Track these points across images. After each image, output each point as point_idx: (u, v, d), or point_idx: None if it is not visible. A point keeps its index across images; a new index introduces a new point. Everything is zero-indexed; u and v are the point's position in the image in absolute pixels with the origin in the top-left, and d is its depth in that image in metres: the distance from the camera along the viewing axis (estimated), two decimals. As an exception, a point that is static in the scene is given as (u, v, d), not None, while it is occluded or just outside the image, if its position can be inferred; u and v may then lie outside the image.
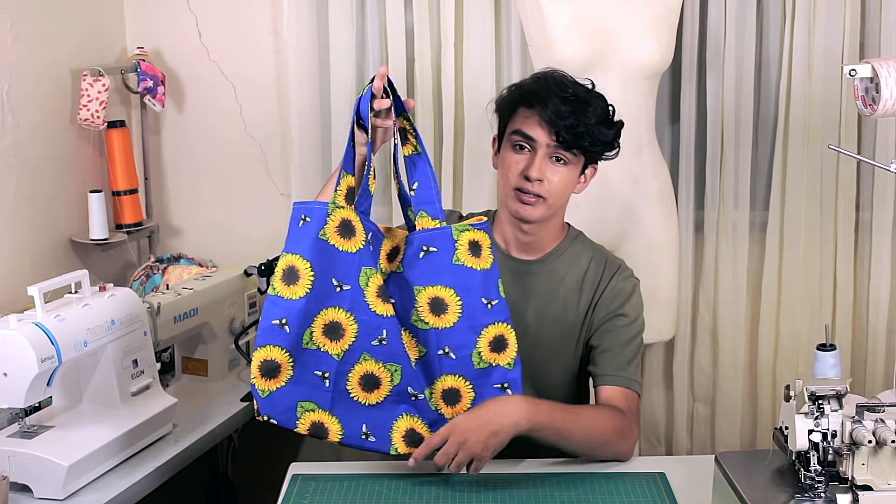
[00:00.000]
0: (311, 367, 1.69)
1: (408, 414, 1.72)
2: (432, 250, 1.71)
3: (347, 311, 1.67)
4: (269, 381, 1.68)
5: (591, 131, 1.82)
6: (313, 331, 1.67)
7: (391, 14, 2.67)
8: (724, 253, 2.68)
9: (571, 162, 1.85)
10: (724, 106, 2.62)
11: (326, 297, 1.67)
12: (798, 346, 2.66)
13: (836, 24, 2.53)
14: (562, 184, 1.85)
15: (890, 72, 1.76)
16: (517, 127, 1.85)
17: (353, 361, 1.69)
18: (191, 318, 2.34)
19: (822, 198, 2.62)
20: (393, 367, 1.69)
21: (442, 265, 1.71)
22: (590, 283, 1.95)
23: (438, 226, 1.73)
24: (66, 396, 1.98)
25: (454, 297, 1.70)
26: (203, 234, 2.94)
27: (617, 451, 1.83)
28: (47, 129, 2.55)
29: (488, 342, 1.72)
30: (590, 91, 1.88)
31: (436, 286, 1.70)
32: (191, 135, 2.91)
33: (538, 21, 2.36)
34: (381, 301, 1.68)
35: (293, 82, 2.75)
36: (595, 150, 1.86)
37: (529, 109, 1.84)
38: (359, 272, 1.67)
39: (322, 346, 1.68)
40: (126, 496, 1.86)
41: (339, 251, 1.67)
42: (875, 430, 1.42)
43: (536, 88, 1.85)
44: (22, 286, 1.89)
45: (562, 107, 1.80)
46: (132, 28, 2.87)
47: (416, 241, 1.72)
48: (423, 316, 1.70)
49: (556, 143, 1.82)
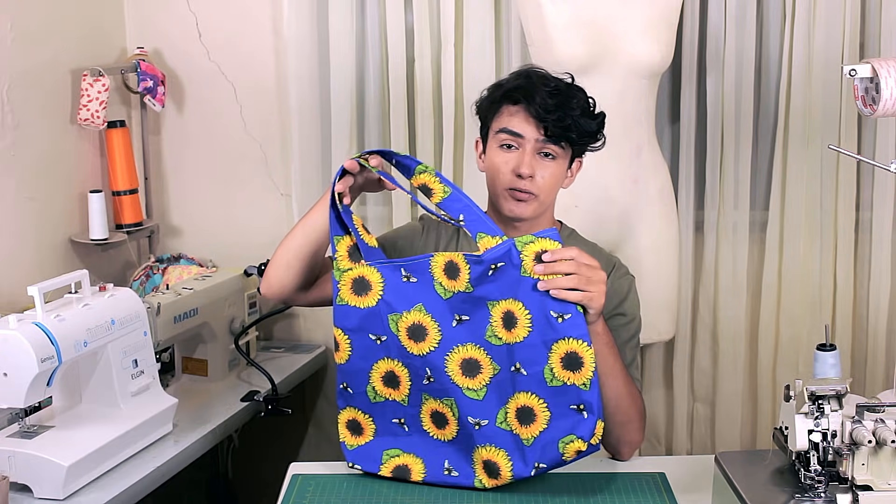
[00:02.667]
0: (389, 417, 1.73)
1: (480, 445, 1.66)
2: (500, 265, 1.63)
3: (395, 360, 1.69)
4: (356, 437, 1.76)
5: (576, 123, 1.82)
6: (374, 385, 1.71)
7: (391, 14, 2.67)
8: (724, 253, 2.68)
9: (559, 156, 1.85)
10: (724, 106, 2.62)
11: (372, 352, 1.69)
12: (798, 346, 2.66)
13: (836, 24, 2.53)
14: (552, 179, 1.85)
15: (890, 72, 1.76)
16: (503, 125, 1.84)
17: (418, 403, 1.70)
18: (191, 318, 2.34)
19: (822, 198, 2.62)
20: (448, 402, 1.67)
21: (511, 278, 1.63)
22: None
23: (501, 241, 1.64)
24: (66, 396, 1.98)
25: (523, 309, 1.62)
26: (203, 234, 2.94)
27: (631, 436, 1.80)
28: (47, 129, 2.55)
29: (560, 358, 1.61)
30: (570, 84, 1.88)
31: (507, 299, 1.63)
32: (191, 135, 2.91)
33: (538, 20, 2.36)
34: (413, 342, 1.67)
35: (293, 82, 2.75)
36: (582, 141, 1.87)
37: (515, 106, 1.84)
38: (387, 321, 1.67)
39: (389, 396, 1.71)
40: (126, 496, 1.86)
41: (362, 309, 1.68)
42: (875, 430, 1.42)
43: (521, 84, 1.84)
44: (22, 286, 1.89)
45: (548, 100, 1.80)
46: (132, 28, 2.87)
47: (485, 262, 1.63)
48: (497, 331, 1.64)
49: (545, 138, 1.82)
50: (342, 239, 1.71)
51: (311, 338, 2.91)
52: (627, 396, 1.77)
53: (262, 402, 2.36)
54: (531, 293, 1.62)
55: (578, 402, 1.61)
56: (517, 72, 1.90)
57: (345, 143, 2.76)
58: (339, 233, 1.72)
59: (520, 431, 1.64)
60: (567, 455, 1.62)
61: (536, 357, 1.62)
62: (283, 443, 2.95)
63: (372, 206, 2.84)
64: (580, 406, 1.61)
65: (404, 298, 1.67)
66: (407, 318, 1.66)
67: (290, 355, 2.77)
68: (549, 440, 1.63)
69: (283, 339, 2.93)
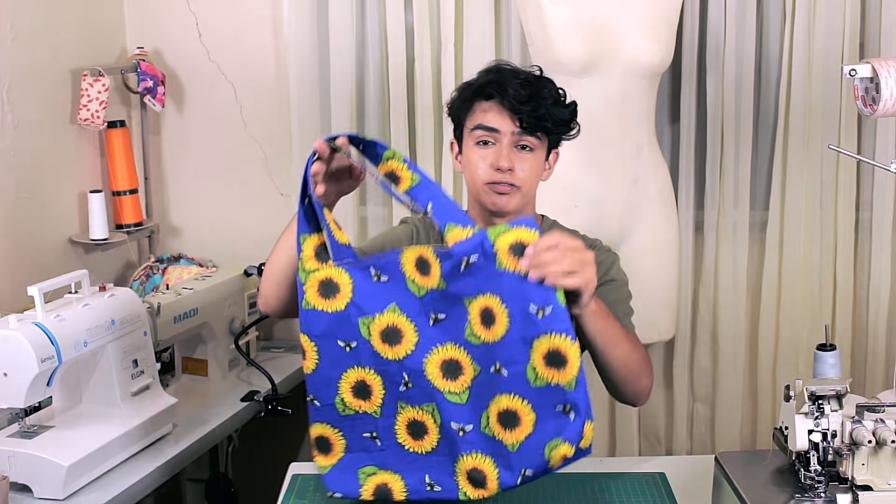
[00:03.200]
0: (359, 431, 1.60)
1: (465, 453, 1.53)
2: (473, 259, 1.50)
3: (366, 367, 1.57)
4: (327, 457, 1.62)
5: (550, 112, 1.82)
6: (343, 396, 1.58)
7: (391, 14, 2.67)
8: (724, 253, 2.68)
9: (536, 147, 1.85)
10: (724, 106, 2.62)
11: (341, 360, 1.57)
12: (798, 346, 2.66)
13: (836, 25, 2.53)
14: (531, 171, 1.85)
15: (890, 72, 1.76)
16: (478, 122, 1.84)
17: (392, 413, 1.58)
18: (191, 318, 2.34)
19: (822, 198, 2.62)
20: (429, 407, 1.55)
21: (486, 272, 1.50)
22: None
23: (472, 233, 1.52)
24: (66, 396, 1.98)
25: (500, 304, 1.48)
26: (203, 234, 2.94)
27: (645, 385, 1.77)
28: (47, 129, 2.55)
29: (542, 356, 1.47)
30: (539, 76, 1.88)
31: (484, 294, 1.50)
32: (191, 135, 2.91)
33: (538, 20, 2.36)
34: (388, 346, 1.56)
35: (293, 82, 2.75)
36: (557, 130, 1.87)
37: (488, 101, 1.84)
38: (358, 325, 1.57)
39: (359, 408, 1.59)
40: (126, 496, 1.86)
41: (329, 313, 1.56)
42: (875, 430, 1.42)
43: (492, 79, 1.84)
44: (22, 286, 1.89)
45: (521, 91, 1.80)
46: (132, 28, 2.87)
47: (455, 255, 1.52)
48: (476, 329, 1.52)
49: (521, 130, 1.82)
50: (309, 237, 1.59)
51: (311, 338, 2.91)
52: (634, 352, 1.72)
53: (262, 402, 2.36)
54: (508, 286, 1.48)
55: (564, 403, 1.47)
56: (486, 68, 1.90)
57: (345, 143, 2.75)
58: (307, 230, 1.60)
59: (504, 437, 1.50)
60: (553, 462, 1.48)
61: (517, 355, 1.48)
62: (283, 443, 2.95)
63: (372, 207, 2.84)
64: (566, 407, 1.47)
65: (376, 299, 1.56)
66: (380, 321, 1.55)
67: (290, 355, 2.76)
68: (534, 445, 1.49)
69: (283, 339, 2.93)
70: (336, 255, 1.60)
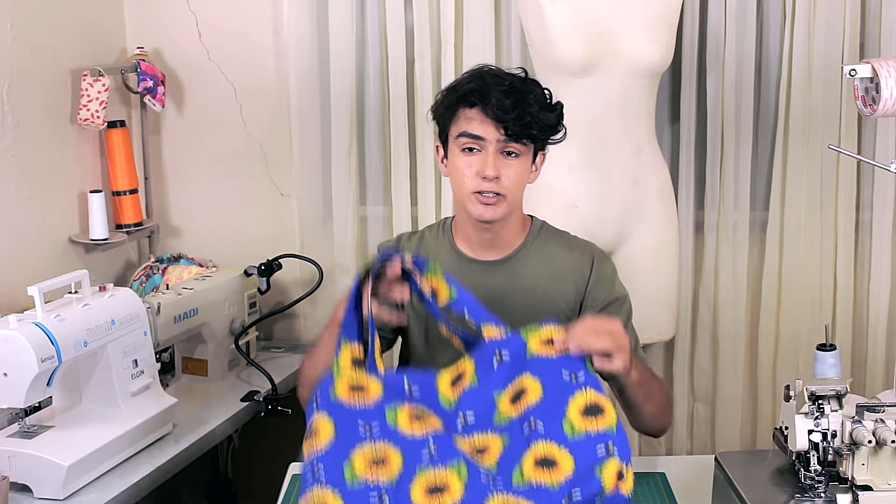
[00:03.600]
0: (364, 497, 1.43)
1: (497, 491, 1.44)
2: (505, 356, 1.55)
3: (384, 440, 1.47)
4: None
5: (536, 119, 1.80)
6: (354, 467, 1.45)
7: (391, 14, 2.67)
8: (724, 253, 2.68)
9: (522, 153, 1.83)
10: (724, 106, 2.62)
11: (355, 436, 1.47)
12: (798, 346, 2.66)
13: (836, 25, 2.53)
14: (517, 177, 1.84)
15: (890, 72, 1.76)
16: (462, 129, 1.82)
17: (409, 479, 1.45)
18: (191, 318, 2.34)
19: (822, 198, 2.62)
20: (457, 465, 1.45)
21: (517, 364, 1.54)
22: (571, 271, 1.93)
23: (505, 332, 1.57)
24: (66, 396, 1.98)
25: (533, 380, 1.50)
26: (203, 234, 2.94)
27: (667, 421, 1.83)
28: (47, 129, 2.55)
29: (580, 410, 1.46)
30: (524, 79, 1.86)
31: (514, 381, 1.52)
32: (191, 135, 2.91)
33: (538, 21, 2.36)
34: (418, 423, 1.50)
35: (293, 82, 2.75)
36: (543, 136, 1.86)
37: (471, 109, 1.81)
38: (384, 413, 1.50)
39: (371, 480, 1.44)
40: (126, 496, 1.86)
41: (357, 408, 1.50)
42: (875, 430, 1.42)
43: (475, 87, 1.82)
44: (22, 286, 1.89)
45: (504, 100, 1.78)
46: (132, 28, 2.87)
47: (489, 349, 1.56)
48: (505, 412, 1.51)
49: (506, 137, 1.80)
50: (349, 345, 1.56)
51: (311, 338, 2.91)
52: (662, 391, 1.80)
53: (262, 402, 2.36)
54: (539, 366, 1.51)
55: (605, 443, 1.44)
56: (470, 73, 1.87)
57: (345, 143, 2.76)
58: (349, 337, 1.56)
59: (543, 478, 1.43)
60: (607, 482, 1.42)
61: (553, 412, 1.47)
62: (283, 443, 2.95)
63: (372, 207, 2.84)
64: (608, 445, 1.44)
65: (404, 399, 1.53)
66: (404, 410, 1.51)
67: (290, 355, 2.76)
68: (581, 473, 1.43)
69: (283, 339, 2.93)
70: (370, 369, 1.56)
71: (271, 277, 2.60)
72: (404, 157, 2.72)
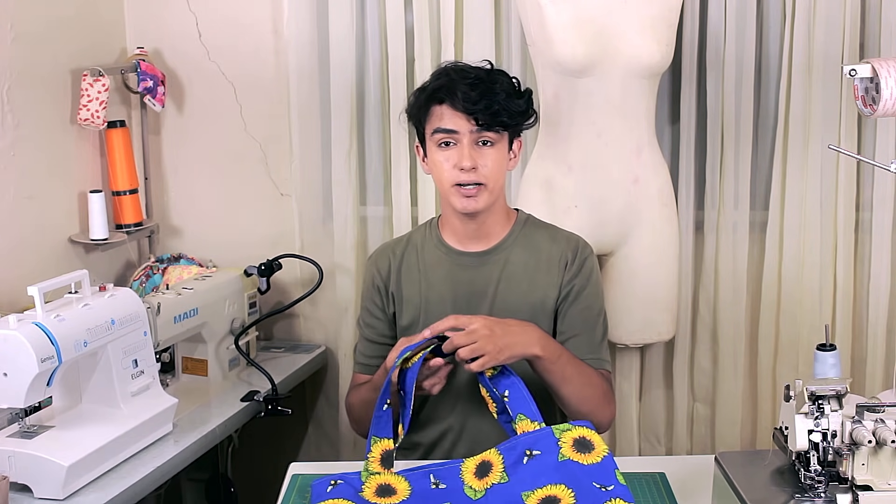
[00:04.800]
0: None
1: None
2: (536, 453, 1.61)
3: None
4: None
5: (505, 106, 1.86)
6: None
7: (391, 14, 2.67)
8: (724, 253, 2.68)
9: (497, 141, 1.89)
10: (724, 106, 2.62)
11: None
12: (798, 346, 2.66)
13: (836, 24, 2.52)
14: (495, 165, 1.89)
15: (890, 72, 1.76)
16: (436, 126, 1.89)
17: None
18: (191, 318, 2.34)
19: (822, 198, 2.62)
20: None
21: (548, 465, 1.59)
22: (554, 261, 1.98)
23: (539, 427, 1.65)
24: (66, 396, 1.98)
25: (565, 490, 1.56)
26: (203, 234, 2.94)
27: (600, 417, 1.87)
28: (47, 129, 2.55)
29: None
30: (490, 70, 1.92)
31: (545, 487, 1.57)
32: (191, 135, 2.91)
33: (538, 21, 2.36)
34: None
35: (293, 82, 2.75)
36: (514, 123, 1.91)
37: (441, 105, 1.88)
38: None
39: None
40: (126, 496, 1.86)
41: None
42: (875, 430, 1.42)
43: (440, 84, 1.89)
44: (22, 286, 1.89)
45: (470, 92, 1.84)
46: (132, 28, 2.87)
47: (519, 446, 1.63)
48: None
49: (478, 128, 1.86)
50: (380, 441, 1.66)
51: (311, 338, 2.91)
52: (589, 384, 1.86)
53: (262, 402, 2.36)
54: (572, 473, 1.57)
55: None
56: (437, 71, 1.95)
57: (345, 143, 2.76)
58: (380, 434, 1.66)
59: None
60: None
61: None
62: (283, 443, 2.95)
63: (372, 207, 2.84)
64: None
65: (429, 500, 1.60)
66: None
67: (290, 355, 2.77)
68: None
69: (283, 339, 2.93)
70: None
71: (271, 277, 2.60)
72: (404, 157, 2.72)
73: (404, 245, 2.04)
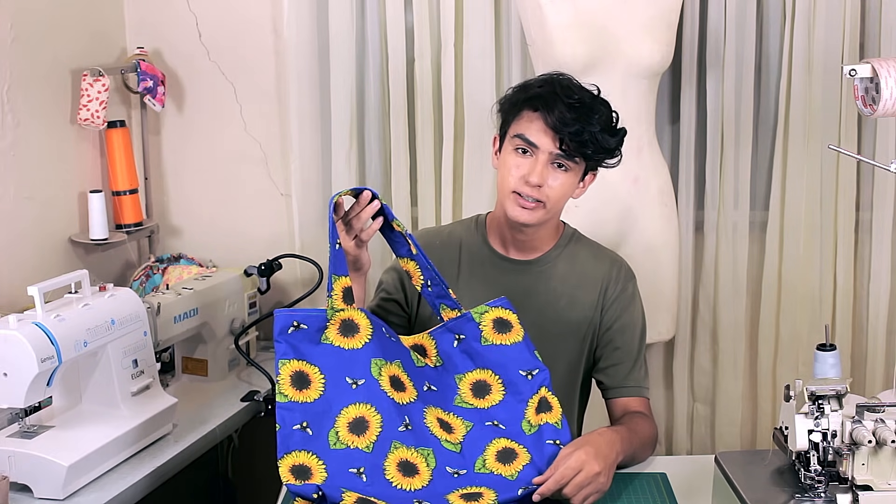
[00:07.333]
0: (345, 466, 1.59)
1: (459, 488, 1.61)
2: (462, 337, 1.72)
3: (367, 404, 1.62)
4: (302, 480, 1.59)
5: (594, 138, 1.80)
6: (338, 430, 1.61)
7: (391, 14, 2.67)
8: (724, 253, 2.68)
9: (572, 169, 1.83)
10: (724, 106, 2.62)
11: (344, 395, 1.62)
12: (798, 346, 2.66)
13: (836, 24, 2.53)
14: (562, 189, 1.84)
15: (890, 72, 1.76)
16: (520, 131, 1.83)
17: (384, 451, 1.61)
18: (191, 318, 2.34)
19: (822, 198, 2.62)
20: (425, 451, 1.63)
21: (474, 350, 1.72)
22: (596, 281, 1.95)
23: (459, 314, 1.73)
24: (66, 396, 1.98)
25: (493, 376, 1.71)
26: (203, 234, 2.94)
27: (651, 453, 1.89)
28: (47, 129, 2.55)
29: (535, 409, 1.70)
30: (595, 97, 1.85)
31: (474, 371, 1.72)
32: (191, 135, 2.91)
33: (538, 21, 2.36)
34: (395, 390, 1.64)
35: (293, 82, 2.75)
36: (598, 157, 1.85)
37: (534, 113, 1.82)
38: (370, 364, 1.64)
39: (351, 444, 1.60)
40: (126, 496, 1.86)
41: (346, 350, 1.64)
42: (875, 430, 1.42)
43: (542, 93, 1.82)
44: (22, 286, 1.89)
45: (567, 113, 1.78)
46: (132, 28, 2.87)
47: (447, 332, 1.74)
48: (466, 399, 1.71)
49: (560, 151, 1.80)
50: (339, 279, 1.67)
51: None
52: (646, 441, 1.86)
53: (262, 402, 2.36)
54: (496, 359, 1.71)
55: (555, 438, 1.68)
56: (542, 76, 1.88)
57: (345, 143, 2.76)
58: (340, 272, 1.68)
59: (502, 471, 1.65)
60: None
61: (514, 415, 1.69)
62: (283, 443, 2.95)
63: (372, 206, 2.84)
64: (556, 441, 1.68)
65: (387, 350, 1.67)
66: (389, 368, 1.65)
67: (290, 355, 2.76)
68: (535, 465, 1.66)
69: (283, 339, 2.93)
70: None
71: (271, 277, 2.60)
72: (404, 157, 2.72)
73: (445, 238, 2.01)
